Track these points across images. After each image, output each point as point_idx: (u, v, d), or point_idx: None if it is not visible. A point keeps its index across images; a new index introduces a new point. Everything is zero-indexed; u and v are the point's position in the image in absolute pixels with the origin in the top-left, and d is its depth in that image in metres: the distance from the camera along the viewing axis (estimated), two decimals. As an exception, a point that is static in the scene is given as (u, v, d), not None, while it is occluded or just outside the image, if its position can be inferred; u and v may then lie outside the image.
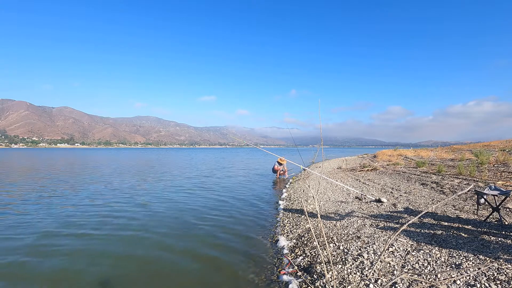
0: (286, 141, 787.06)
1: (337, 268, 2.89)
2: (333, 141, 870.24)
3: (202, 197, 7.73)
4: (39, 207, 6.45)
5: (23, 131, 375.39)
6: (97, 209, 6.32)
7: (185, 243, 4.17)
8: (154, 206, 6.56)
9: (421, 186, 7.08)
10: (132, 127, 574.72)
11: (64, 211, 6.10)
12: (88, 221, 5.27)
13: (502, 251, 2.89)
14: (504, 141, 20.96)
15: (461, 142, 45.70)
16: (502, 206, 4.40)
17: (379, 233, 3.77)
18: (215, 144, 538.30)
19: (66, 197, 7.77)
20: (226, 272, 3.26)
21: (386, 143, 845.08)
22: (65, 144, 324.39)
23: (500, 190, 3.95)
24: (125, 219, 5.46)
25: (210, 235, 4.52)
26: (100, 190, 9.00)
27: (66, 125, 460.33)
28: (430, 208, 2.12)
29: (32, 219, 5.42)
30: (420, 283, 2.39)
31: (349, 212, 5.14)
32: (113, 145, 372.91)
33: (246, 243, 4.15)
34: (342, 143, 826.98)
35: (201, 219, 5.49)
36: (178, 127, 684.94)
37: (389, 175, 9.67)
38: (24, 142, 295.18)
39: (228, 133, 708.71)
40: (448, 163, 10.70)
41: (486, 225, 3.83)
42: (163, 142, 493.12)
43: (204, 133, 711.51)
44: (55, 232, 4.62)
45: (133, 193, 8.30)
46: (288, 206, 6.29)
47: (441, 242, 3.30)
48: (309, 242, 3.84)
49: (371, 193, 6.73)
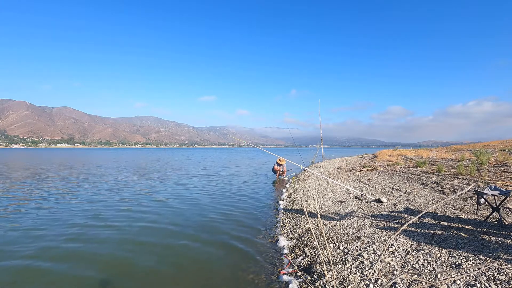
0: (286, 141, 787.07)
1: (337, 268, 2.89)
2: (333, 141, 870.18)
3: (202, 197, 7.73)
4: (63, 204, 6.92)
5: (23, 131, 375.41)
6: (116, 204, 6.83)
7: (185, 242, 4.17)
8: (155, 206, 6.58)
9: (421, 186, 7.08)
10: (132, 127, 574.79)
11: (86, 206, 6.63)
12: (111, 215, 5.80)
13: (502, 251, 2.89)
14: (504, 141, 20.96)
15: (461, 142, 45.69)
16: (502, 206, 4.40)
17: (379, 233, 3.77)
18: (215, 144, 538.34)
19: (84, 193, 8.33)
20: (226, 272, 3.26)
21: (386, 143, 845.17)
22: (65, 144, 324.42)
23: (500, 190, 3.95)
24: (139, 213, 6.03)
25: (210, 235, 4.52)
26: (113, 188, 9.51)
27: (66, 125, 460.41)
28: (430, 208, 2.12)
29: (60, 214, 5.88)
30: (420, 283, 2.39)
31: (349, 212, 5.14)
32: (113, 145, 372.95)
33: (246, 243, 4.15)
34: (342, 143, 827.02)
35: (200, 219, 5.49)
36: (178, 127, 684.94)
37: (389, 175, 9.67)
38: (24, 142, 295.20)
39: (228, 133, 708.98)
40: (448, 163, 10.70)
41: (486, 225, 3.83)
42: (163, 142, 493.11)
43: (204, 133, 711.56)
44: (86, 224, 5.17)
45: (141, 191, 8.61)
46: (288, 206, 6.29)
47: (441, 242, 3.30)
48: (309, 242, 3.84)
49: (371, 193, 6.73)
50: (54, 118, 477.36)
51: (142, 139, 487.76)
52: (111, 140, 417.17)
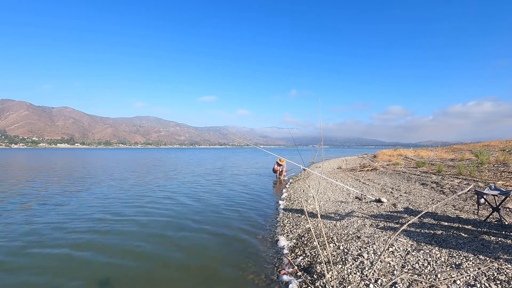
0: (286, 141, 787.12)
1: (337, 268, 2.89)
2: (333, 141, 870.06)
3: (202, 197, 7.73)
4: (80, 200, 7.30)
5: (23, 131, 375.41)
6: (129, 200, 7.30)
7: (185, 242, 4.17)
8: (154, 207, 6.58)
9: (421, 186, 7.08)
10: (132, 127, 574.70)
11: (102, 202, 7.05)
12: (126, 210, 6.21)
13: (502, 251, 2.89)
14: (504, 141, 20.95)
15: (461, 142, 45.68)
16: (502, 206, 4.40)
17: (379, 233, 3.77)
18: (215, 144, 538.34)
19: (98, 191, 8.72)
20: (226, 271, 3.26)
21: (386, 143, 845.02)
22: (65, 144, 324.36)
23: (500, 190, 3.95)
24: (137, 209, 6.43)
25: (209, 235, 4.52)
26: (122, 185, 10.00)
27: (66, 125, 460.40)
28: (430, 208, 2.12)
29: (81, 210, 6.27)
30: (420, 283, 2.39)
31: (349, 212, 5.14)
32: (113, 145, 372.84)
33: (246, 243, 4.15)
34: (342, 143, 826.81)
35: (200, 218, 5.49)
36: (178, 127, 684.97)
37: (389, 175, 9.67)
38: (24, 142, 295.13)
39: (228, 133, 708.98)
40: (448, 163, 10.70)
41: (486, 225, 3.83)
42: (163, 142, 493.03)
43: (204, 133, 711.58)
44: (105, 218, 5.57)
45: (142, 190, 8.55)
46: (288, 206, 6.29)
47: (441, 242, 3.30)
48: (309, 242, 3.84)
49: (371, 193, 6.73)
50: (54, 118, 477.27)
51: (142, 139, 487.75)
52: (111, 140, 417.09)
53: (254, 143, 50.05)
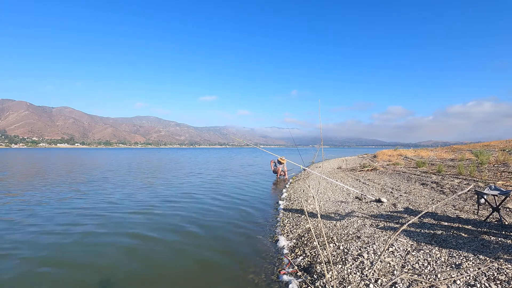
0: (286, 141, 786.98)
1: (337, 268, 2.89)
2: (333, 141, 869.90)
3: (202, 197, 7.72)
4: (98, 198, 7.62)
5: (23, 131, 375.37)
6: (146, 198, 7.63)
7: (185, 242, 4.17)
8: (156, 207, 6.59)
9: (421, 186, 7.08)
10: (132, 127, 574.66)
11: (118, 200, 7.34)
12: (125, 210, 6.29)
13: (502, 251, 2.89)
14: (504, 141, 20.95)
15: (461, 142, 45.69)
16: (502, 206, 4.40)
17: (379, 233, 3.77)
18: (215, 144, 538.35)
19: (113, 190, 8.94)
20: (226, 271, 3.26)
21: (386, 143, 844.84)
22: (65, 144, 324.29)
23: (500, 190, 3.95)
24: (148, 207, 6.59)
25: (209, 234, 4.52)
26: (136, 183, 10.51)
27: (66, 125, 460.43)
28: (430, 208, 2.12)
29: (102, 205, 6.70)
30: (420, 283, 2.39)
31: (349, 212, 5.14)
32: (113, 145, 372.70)
33: (246, 243, 4.15)
34: (342, 143, 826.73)
35: (200, 218, 5.49)
36: (178, 127, 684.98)
37: (389, 175, 9.67)
38: (24, 142, 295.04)
39: (228, 133, 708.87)
40: (448, 163, 10.70)
41: (486, 225, 3.83)
42: (163, 142, 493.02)
43: (204, 133, 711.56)
44: (136, 211, 6.10)
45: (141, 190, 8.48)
46: (288, 206, 6.29)
47: (441, 242, 3.30)
48: (309, 242, 3.84)
49: (371, 193, 6.73)
50: (54, 118, 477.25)
51: (142, 139, 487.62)
52: (111, 140, 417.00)
53: (254, 143, 50.07)
